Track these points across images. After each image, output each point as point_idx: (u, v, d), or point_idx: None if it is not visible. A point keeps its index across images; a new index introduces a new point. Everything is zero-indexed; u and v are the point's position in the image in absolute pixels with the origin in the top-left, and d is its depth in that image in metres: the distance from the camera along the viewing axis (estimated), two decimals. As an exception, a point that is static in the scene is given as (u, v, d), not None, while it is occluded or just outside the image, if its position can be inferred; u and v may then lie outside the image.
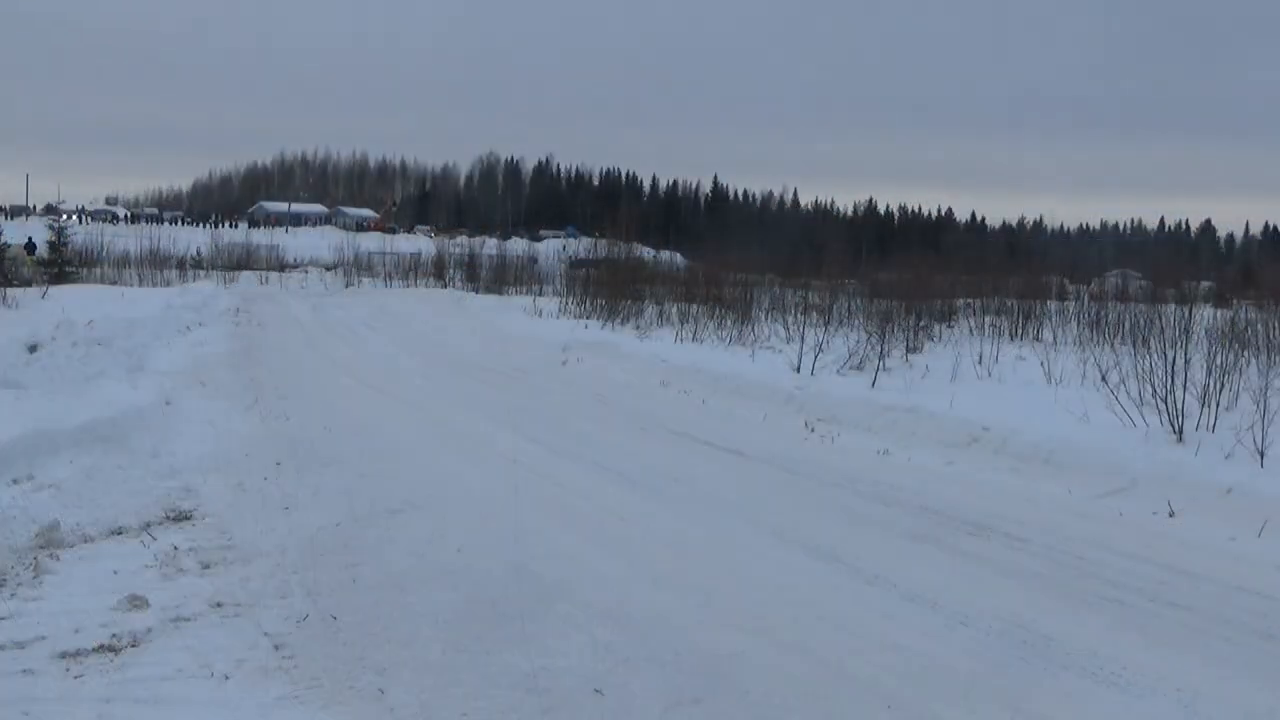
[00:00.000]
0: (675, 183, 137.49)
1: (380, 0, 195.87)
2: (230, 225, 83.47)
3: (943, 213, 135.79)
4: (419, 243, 69.49)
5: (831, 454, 10.57)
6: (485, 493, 8.29)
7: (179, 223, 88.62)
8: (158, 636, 5.10)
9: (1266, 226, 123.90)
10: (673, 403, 14.11)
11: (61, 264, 32.76)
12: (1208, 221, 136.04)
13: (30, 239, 39.20)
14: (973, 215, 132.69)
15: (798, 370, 15.23)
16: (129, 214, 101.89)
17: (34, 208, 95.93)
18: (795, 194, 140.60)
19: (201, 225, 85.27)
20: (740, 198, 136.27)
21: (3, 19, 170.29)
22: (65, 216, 61.74)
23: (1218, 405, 10.36)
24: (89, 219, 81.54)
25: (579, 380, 16.31)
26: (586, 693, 4.60)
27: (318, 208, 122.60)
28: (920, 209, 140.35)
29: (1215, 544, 7.39)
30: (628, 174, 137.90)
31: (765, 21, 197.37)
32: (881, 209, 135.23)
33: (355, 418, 11.69)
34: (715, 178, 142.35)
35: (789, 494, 8.74)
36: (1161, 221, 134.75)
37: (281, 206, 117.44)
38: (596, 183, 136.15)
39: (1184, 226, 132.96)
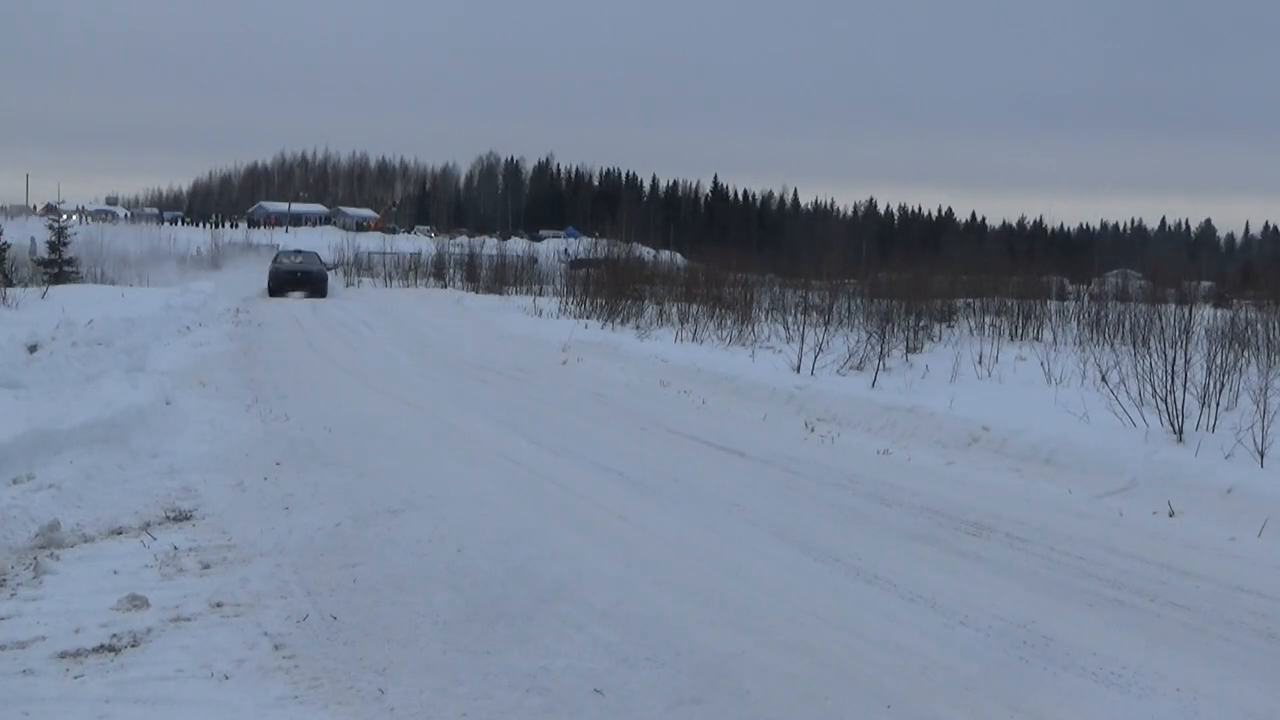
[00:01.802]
0: (675, 183, 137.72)
1: (380, 0, 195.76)
2: (230, 225, 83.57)
3: (943, 213, 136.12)
4: (419, 243, 69.51)
5: (831, 454, 10.57)
6: (485, 493, 8.29)
7: (179, 223, 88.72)
8: (158, 636, 5.10)
9: (1266, 226, 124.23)
10: (673, 403, 14.11)
11: (61, 264, 32.74)
12: (1208, 221, 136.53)
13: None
14: (973, 215, 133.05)
15: (798, 370, 15.22)
16: (129, 214, 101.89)
17: (34, 208, 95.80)
18: (795, 194, 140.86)
19: (201, 225, 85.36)
20: (740, 198, 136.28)
21: (3, 19, 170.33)
22: (65, 216, 61.69)
23: (1218, 405, 10.36)
24: (89, 219, 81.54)
25: (579, 380, 16.31)
26: (586, 693, 4.60)
27: (318, 208, 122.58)
28: (920, 209, 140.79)
29: (1215, 544, 7.39)
30: (628, 174, 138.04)
31: (766, 22, 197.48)
32: (881, 209, 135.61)
33: (355, 417, 11.69)
34: (715, 178, 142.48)
35: (789, 494, 8.74)
36: (1162, 221, 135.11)
37: (281, 206, 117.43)
38: (596, 183, 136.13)
39: (1184, 226, 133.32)
